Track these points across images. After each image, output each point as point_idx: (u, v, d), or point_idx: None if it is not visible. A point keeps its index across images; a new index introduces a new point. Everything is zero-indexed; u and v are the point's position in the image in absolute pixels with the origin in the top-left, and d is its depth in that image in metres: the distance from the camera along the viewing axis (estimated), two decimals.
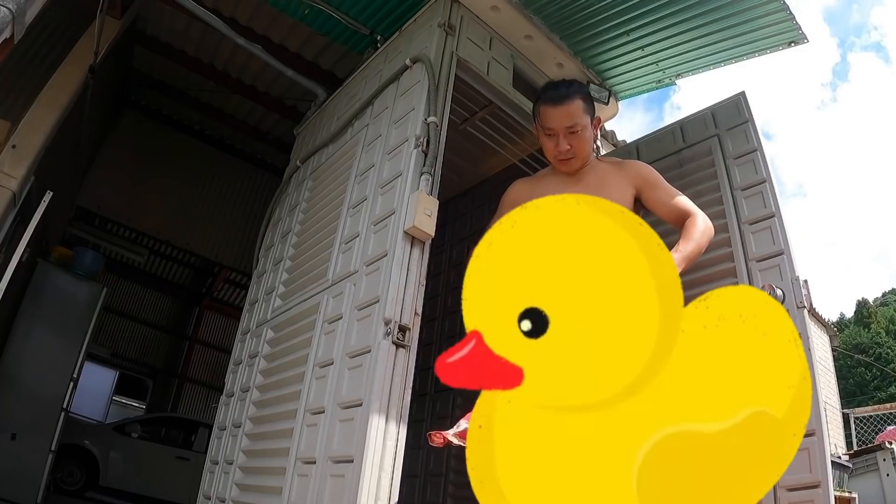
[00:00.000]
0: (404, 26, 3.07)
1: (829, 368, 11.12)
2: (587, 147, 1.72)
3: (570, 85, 1.74)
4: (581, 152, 1.72)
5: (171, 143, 6.06)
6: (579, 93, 1.71)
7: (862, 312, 28.14)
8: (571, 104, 1.68)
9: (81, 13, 3.61)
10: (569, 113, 1.67)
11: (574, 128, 1.68)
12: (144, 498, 6.00)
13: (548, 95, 1.74)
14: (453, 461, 3.52)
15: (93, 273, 4.78)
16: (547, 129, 1.72)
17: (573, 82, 1.78)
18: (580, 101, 1.70)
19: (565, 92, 1.70)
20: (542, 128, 1.74)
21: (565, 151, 1.70)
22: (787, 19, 2.58)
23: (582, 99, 1.70)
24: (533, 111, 1.84)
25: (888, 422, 8.94)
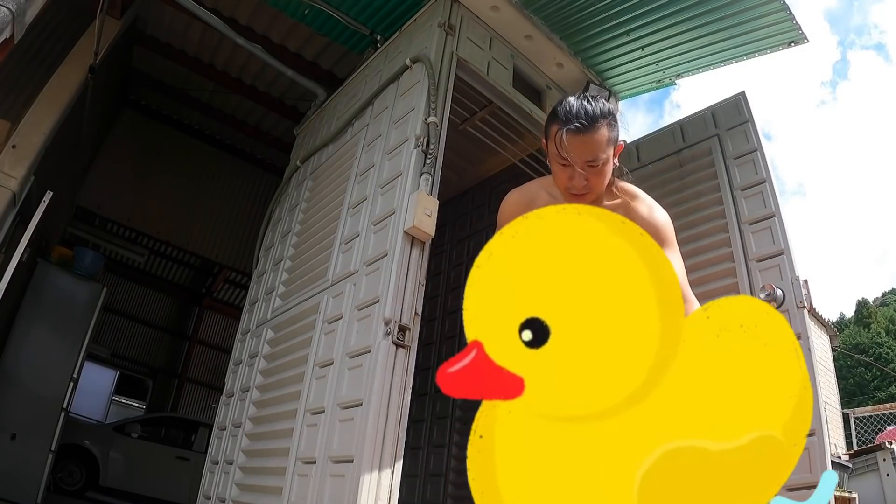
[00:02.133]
0: (404, 26, 3.07)
1: (829, 368, 11.12)
2: (604, 182, 1.47)
3: (595, 108, 1.44)
4: (598, 188, 1.47)
5: (171, 143, 6.06)
6: (605, 118, 1.43)
7: (862, 312, 28.14)
8: (596, 134, 1.41)
9: (81, 13, 3.62)
10: (592, 145, 1.41)
11: (595, 162, 1.42)
12: (144, 498, 6.00)
13: (569, 119, 1.44)
14: (453, 461, 3.52)
15: (93, 273, 4.78)
16: (562, 159, 1.46)
17: (598, 103, 1.47)
18: (605, 131, 1.42)
19: (591, 119, 1.42)
20: (557, 154, 1.47)
21: (580, 188, 1.45)
22: (787, 19, 2.58)
23: (608, 127, 1.43)
24: (546, 128, 1.56)
25: (888, 422, 8.95)
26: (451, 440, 3.60)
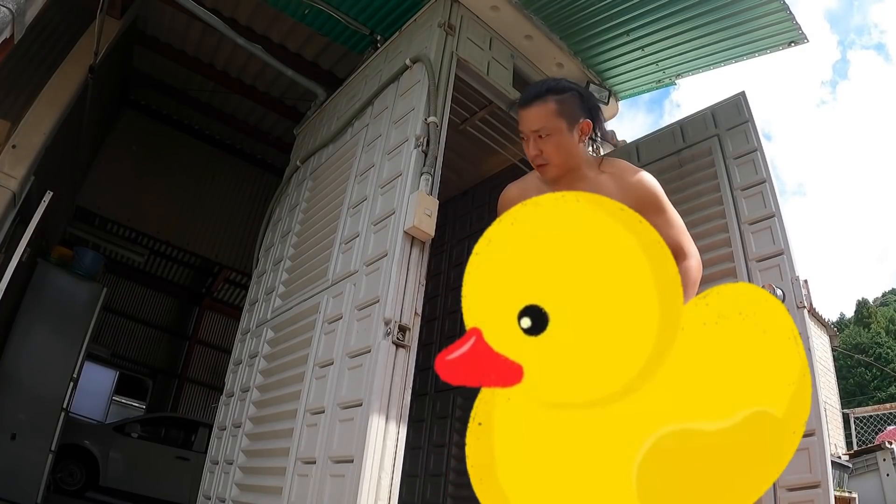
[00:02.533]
0: (404, 26, 3.07)
1: (829, 368, 11.12)
2: (560, 155, 1.57)
3: (542, 84, 1.60)
4: (553, 159, 1.58)
5: (171, 143, 6.06)
6: (552, 93, 1.56)
7: (862, 312, 28.13)
8: (538, 106, 1.55)
9: (81, 13, 3.61)
10: (535, 116, 1.55)
11: (541, 132, 1.55)
12: (144, 498, 6.00)
13: (521, 96, 1.63)
14: (453, 461, 3.52)
15: (93, 273, 4.78)
16: (519, 132, 1.62)
17: (548, 82, 1.62)
18: (552, 104, 1.55)
19: (535, 93, 1.57)
20: None
21: (534, 157, 1.58)
22: (787, 19, 2.58)
23: (556, 101, 1.55)
24: None
25: (888, 422, 8.94)
26: (451, 440, 3.59)
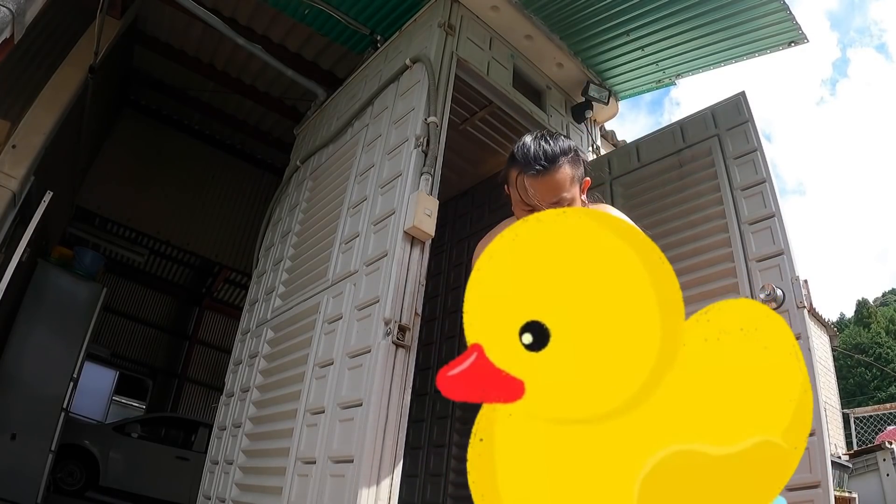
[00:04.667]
0: (404, 26, 3.07)
1: (829, 368, 11.12)
2: None
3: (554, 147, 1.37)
4: None
5: (170, 143, 6.06)
6: (566, 156, 1.36)
7: (862, 312, 28.14)
8: (557, 174, 1.34)
9: (81, 13, 3.62)
10: (555, 185, 1.34)
11: (560, 203, 1.35)
12: (144, 498, 6.00)
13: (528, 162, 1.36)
14: (453, 461, 3.52)
15: (93, 273, 4.79)
16: (525, 205, 1.38)
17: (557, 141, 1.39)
18: (568, 169, 1.36)
19: (551, 159, 1.34)
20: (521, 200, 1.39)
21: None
22: (787, 19, 2.58)
23: (569, 163, 1.36)
24: (505, 174, 1.48)
25: (888, 422, 8.95)
26: (452, 440, 3.59)
